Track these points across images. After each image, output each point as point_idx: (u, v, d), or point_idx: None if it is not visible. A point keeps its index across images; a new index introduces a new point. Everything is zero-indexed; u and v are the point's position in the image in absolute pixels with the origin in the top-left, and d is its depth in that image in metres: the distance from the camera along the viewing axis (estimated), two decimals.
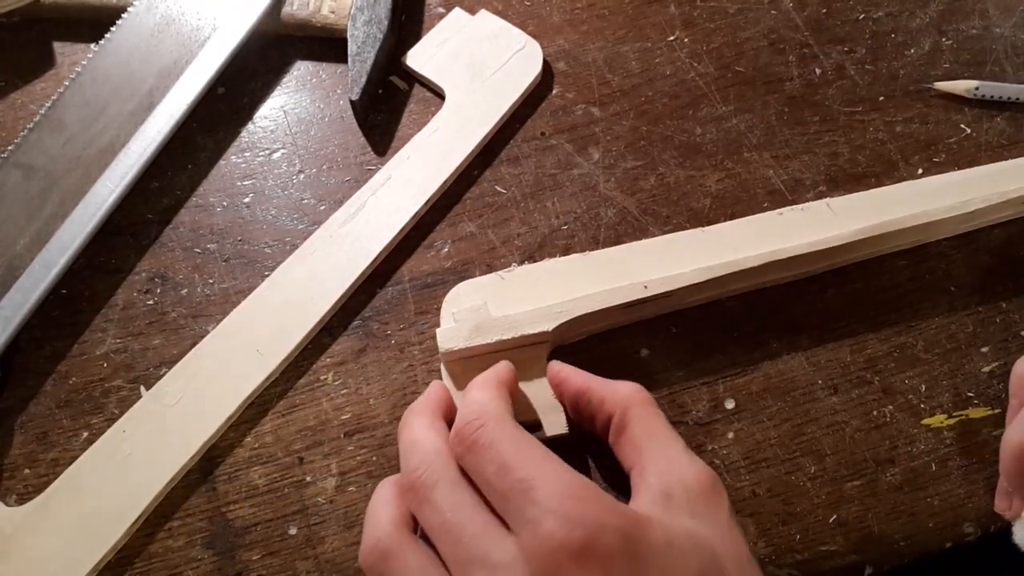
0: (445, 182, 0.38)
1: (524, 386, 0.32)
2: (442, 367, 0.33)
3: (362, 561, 0.26)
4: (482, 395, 0.28)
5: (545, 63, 0.41)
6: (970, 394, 0.34)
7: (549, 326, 0.32)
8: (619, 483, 0.32)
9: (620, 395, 0.30)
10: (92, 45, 0.39)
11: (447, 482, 0.26)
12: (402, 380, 0.35)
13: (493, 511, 0.25)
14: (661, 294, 0.33)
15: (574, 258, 0.36)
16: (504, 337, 0.32)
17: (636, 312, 0.34)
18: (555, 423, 0.32)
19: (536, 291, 0.34)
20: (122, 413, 0.33)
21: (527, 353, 0.33)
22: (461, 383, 0.32)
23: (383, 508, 0.27)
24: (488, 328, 0.32)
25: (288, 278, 0.36)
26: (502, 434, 0.26)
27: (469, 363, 0.33)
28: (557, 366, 0.32)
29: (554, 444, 0.30)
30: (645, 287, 0.33)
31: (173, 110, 0.38)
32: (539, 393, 0.32)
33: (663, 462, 0.27)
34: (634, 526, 0.24)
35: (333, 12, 0.41)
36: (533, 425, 0.32)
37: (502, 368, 0.31)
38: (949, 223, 0.36)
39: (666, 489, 0.26)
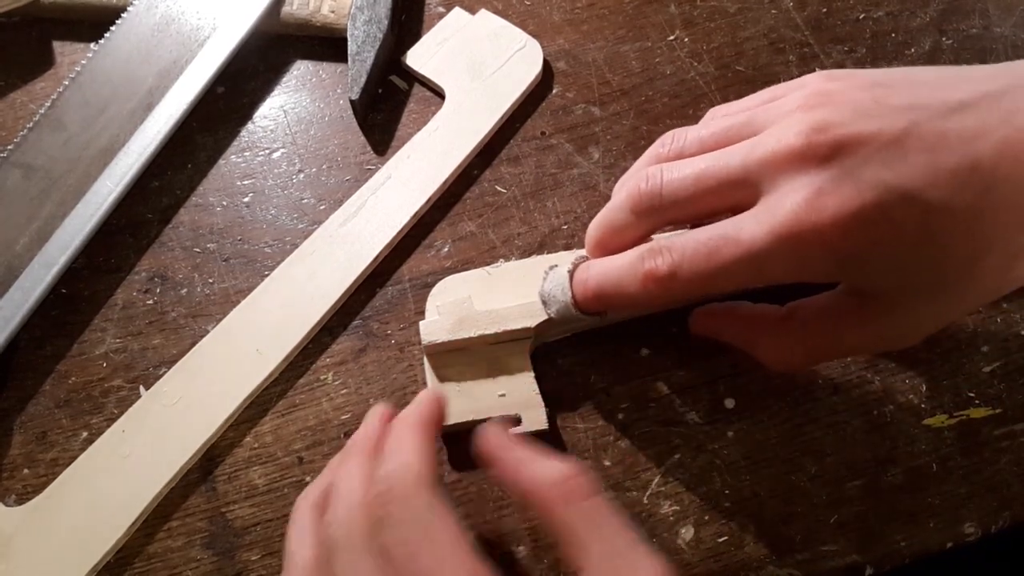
0: (445, 181, 0.38)
1: (504, 381, 0.32)
2: (425, 360, 0.33)
3: None
4: (401, 454, 0.26)
5: (545, 62, 0.41)
6: (971, 394, 0.34)
7: (532, 322, 0.32)
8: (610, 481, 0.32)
9: (541, 495, 0.25)
10: (92, 44, 0.39)
11: (352, 548, 0.25)
12: (402, 380, 0.35)
13: None
14: None
15: (562, 256, 0.35)
16: (486, 332, 0.32)
17: (622, 312, 0.34)
18: (534, 419, 0.32)
19: (523, 287, 0.34)
20: (121, 413, 0.33)
21: (510, 348, 0.33)
22: (443, 376, 0.33)
23: (304, 545, 0.26)
24: (471, 322, 0.32)
25: (288, 278, 0.36)
26: (413, 513, 0.25)
27: (452, 356, 0.33)
28: (483, 439, 0.28)
29: (536, 438, 0.30)
30: None
31: (173, 110, 0.38)
32: (519, 388, 0.32)
33: (608, 570, 0.24)
34: None
35: (333, 11, 0.41)
36: (513, 421, 0.32)
37: (427, 403, 0.29)
38: None
39: None
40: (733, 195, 0.27)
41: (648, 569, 0.24)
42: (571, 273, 0.30)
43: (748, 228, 0.26)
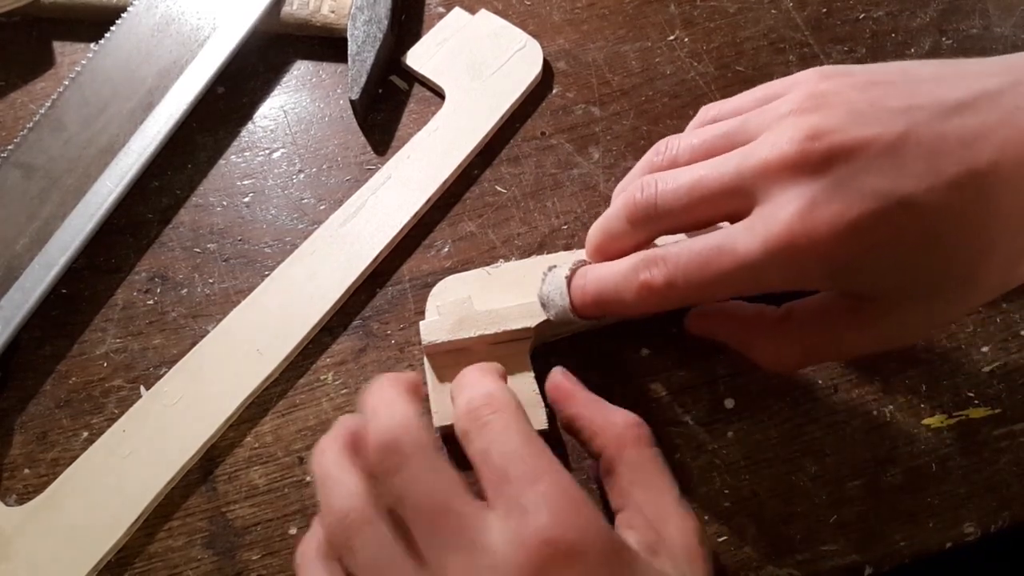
0: (445, 182, 0.38)
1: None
2: (424, 360, 0.33)
3: (327, 532, 0.25)
4: (490, 382, 0.27)
5: (545, 62, 0.41)
6: (970, 394, 0.34)
7: (532, 322, 0.32)
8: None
9: (612, 433, 0.28)
10: (92, 44, 0.39)
11: (426, 457, 0.24)
12: None
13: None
14: None
15: (561, 256, 0.36)
16: (487, 332, 0.32)
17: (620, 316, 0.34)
18: (534, 419, 0.32)
19: (522, 287, 0.34)
20: (122, 413, 0.33)
21: (510, 348, 0.33)
22: (443, 376, 0.33)
23: (346, 476, 0.25)
24: (471, 322, 0.32)
25: (288, 278, 0.36)
26: (518, 424, 0.25)
27: (452, 356, 0.33)
28: (558, 378, 0.32)
29: None
30: None
31: (173, 110, 0.38)
32: (520, 388, 0.32)
33: (652, 513, 0.27)
34: (622, 548, 0.24)
35: (333, 11, 0.41)
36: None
37: (490, 364, 0.30)
38: None
39: (650, 545, 0.26)
40: (728, 204, 0.27)
41: (681, 522, 0.27)
42: (568, 278, 0.30)
43: (742, 240, 0.25)
